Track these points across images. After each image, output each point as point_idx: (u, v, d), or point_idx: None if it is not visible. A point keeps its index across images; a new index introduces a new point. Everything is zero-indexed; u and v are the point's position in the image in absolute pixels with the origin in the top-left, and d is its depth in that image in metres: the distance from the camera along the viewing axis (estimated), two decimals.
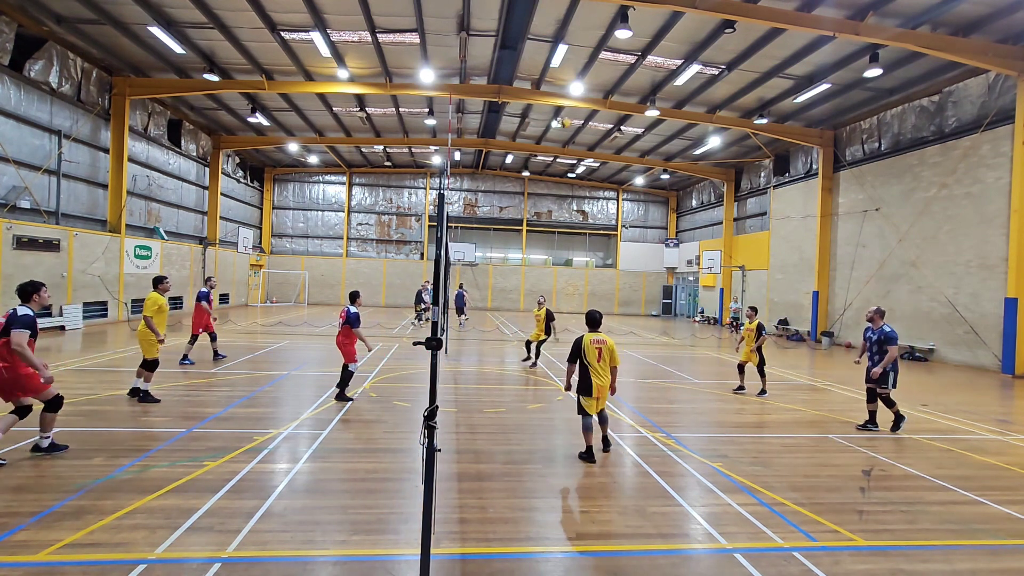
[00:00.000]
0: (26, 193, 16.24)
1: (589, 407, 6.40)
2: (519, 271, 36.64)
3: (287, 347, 14.96)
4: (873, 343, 8.22)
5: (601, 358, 6.37)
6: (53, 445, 5.88)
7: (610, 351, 6.44)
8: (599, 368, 6.36)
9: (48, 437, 5.85)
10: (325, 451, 6.29)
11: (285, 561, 3.85)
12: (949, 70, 16.42)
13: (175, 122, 24.60)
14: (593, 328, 6.63)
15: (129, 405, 7.95)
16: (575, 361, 6.48)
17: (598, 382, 6.34)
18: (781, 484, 5.72)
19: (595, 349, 6.39)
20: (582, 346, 6.39)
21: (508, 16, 15.25)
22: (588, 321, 6.70)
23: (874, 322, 8.25)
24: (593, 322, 6.65)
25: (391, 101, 23.08)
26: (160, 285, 8.74)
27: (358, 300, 9.25)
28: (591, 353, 6.36)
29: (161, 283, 8.78)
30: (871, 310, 8.33)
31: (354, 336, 8.87)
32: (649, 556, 4.13)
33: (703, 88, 19.37)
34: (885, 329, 8.09)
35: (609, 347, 6.44)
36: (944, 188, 17.14)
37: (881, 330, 8.12)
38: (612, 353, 6.45)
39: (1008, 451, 7.36)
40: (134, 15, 15.55)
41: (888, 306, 19.11)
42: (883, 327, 8.14)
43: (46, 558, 3.75)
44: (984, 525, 4.90)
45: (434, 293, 3.91)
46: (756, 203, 28.85)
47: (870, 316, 8.31)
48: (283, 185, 35.82)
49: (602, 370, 6.37)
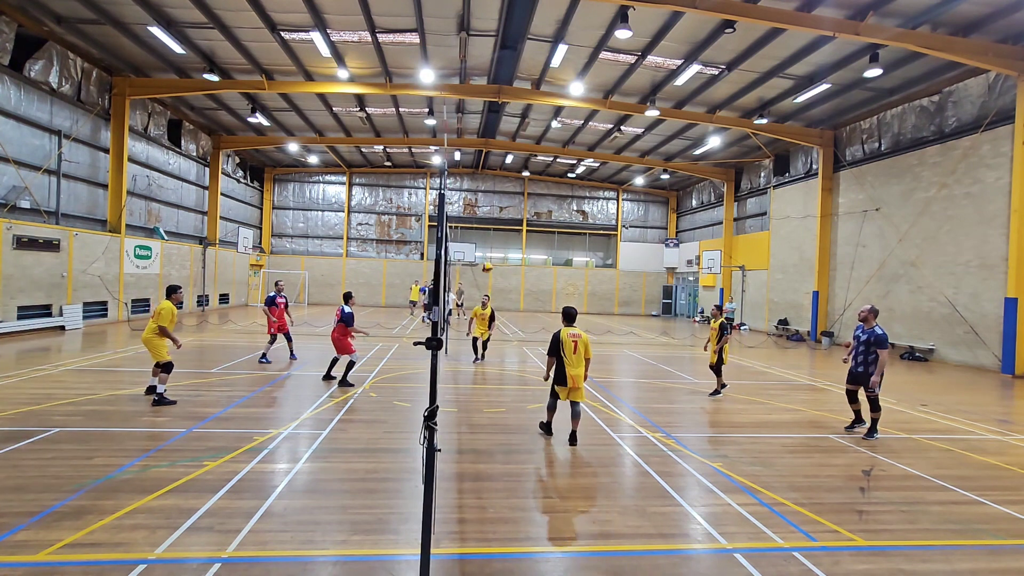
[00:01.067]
0: (26, 193, 16.24)
1: (561, 394, 6.98)
2: (519, 271, 36.64)
3: (287, 347, 14.92)
4: (861, 343, 7.75)
5: (576, 350, 6.88)
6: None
7: (584, 344, 6.95)
8: (574, 359, 6.87)
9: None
10: (325, 451, 6.29)
11: (285, 561, 3.85)
12: (949, 70, 16.42)
13: (175, 122, 24.60)
14: (569, 323, 7.16)
15: (129, 405, 7.95)
16: (554, 354, 6.96)
17: (572, 372, 6.84)
18: (781, 484, 5.72)
19: (571, 342, 6.90)
20: (560, 340, 6.88)
21: (508, 16, 15.25)
22: (564, 316, 7.22)
23: (867, 321, 7.80)
24: (569, 317, 7.19)
25: (391, 101, 23.09)
26: (175, 295, 8.71)
27: (352, 300, 10.56)
28: (567, 346, 6.87)
29: (176, 292, 8.76)
30: (865, 308, 7.90)
31: (349, 332, 10.04)
32: (649, 556, 4.13)
33: (703, 88, 19.37)
34: (877, 331, 7.65)
35: (584, 341, 6.97)
36: (944, 188, 17.14)
37: (872, 331, 7.68)
38: (586, 346, 6.96)
39: (1008, 451, 7.36)
40: (134, 15, 15.55)
41: (888, 306, 19.11)
42: (875, 328, 7.70)
43: (46, 558, 3.75)
44: (984, 525, 4.90)
45: (434, 293, 3.91)
46: (756, 203, 28.86)
47: (863, 315, 7.85)
48: (283, 185, 35.82)
49: (576, 361, 6.88)
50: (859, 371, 7.77)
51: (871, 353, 7.62)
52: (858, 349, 7.81)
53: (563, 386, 6.92)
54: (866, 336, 7.71)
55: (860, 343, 7.78)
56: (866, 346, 7.68)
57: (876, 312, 7.88)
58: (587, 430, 7.64)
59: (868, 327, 7.78)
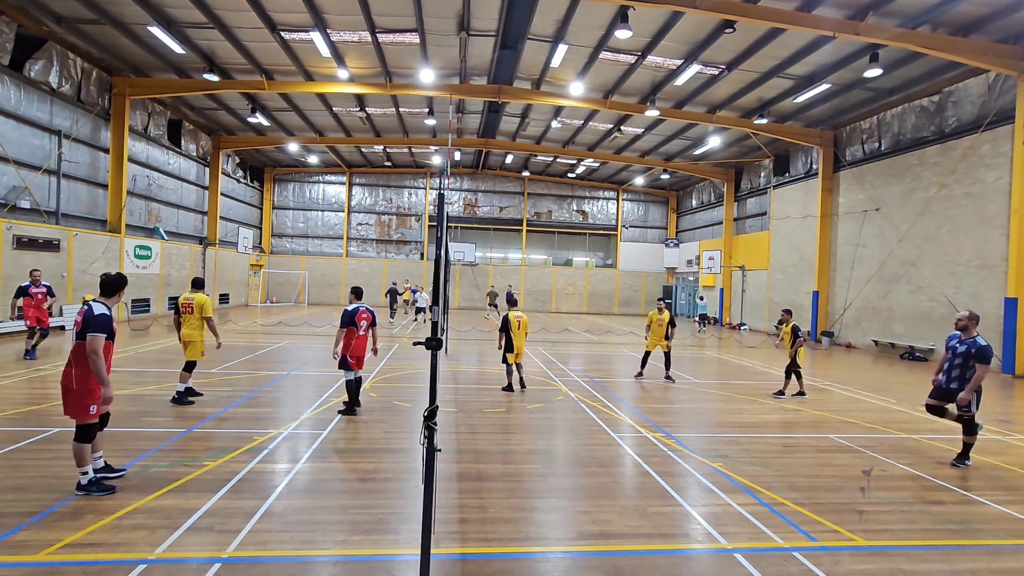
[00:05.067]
0: (26, 193, 16.24)
1: (511, 359, 9.84)
2: (519, 271, 36.65)
3: (287, 347, 14.95)
4: (958, 355, 6.39)
5: (520, 328, 9.86)
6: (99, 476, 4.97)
7: (525, 324, 9.96)
8: (518, 334, 9.82)
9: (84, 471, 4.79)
10: (325, 451, 6.28)
11: (285, 561, 3.85)
12: (949, 70, 16.41)
13: (175, 122, 24.60)
14: (513, 307, 10.41)
15: (129, 405, 7.95)
16: (504, 330, 9.80)
17: (517, 344, 9.79)
18: (781, 484, 5.71)
19: (516, 321, 9.85)
20: (508, 320, 9.81)
21: (508, 16, 15.25)
22: (509, 302, 10.87)
23: (967, 330, 6.42)
24: (513, 303, 10.84)
25: (391, 101, 23.08)
26: (203, 287, 8.76)
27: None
28: (513, 324, 9.81)
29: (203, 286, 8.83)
30: (963, 314, 6.48)
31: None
32: (649, 556, 4.13)
33: (703, 88, 19.37)
34: (979, 342, 6.29)
35: (524, 321, 9.97)
36: (944, 188, 17.14)
37: (974, 341, 6.32)
38: (525, 325, 9.95)
39: (1008, 451, 7.36)
40: (134, 15, 15.55)
41: (888, 306, 19.12)
42: (976, 338, 6.35)
43: (46, 558, 3.75)
44: (984, 525, 4.90)
45: (434, 293, 3.91)
46: (756, 203, 28.86)
47: (963, 322, 6.45)
48: (283, 185, 35.82)
49: (519, 336, 9.82)
50: (951, 388, 6.44)
51: (969, 367, 6.32)
52: (953, 362, 6.47)
53: (511, 352, 9.78)
54: (965, 347, 6.36)
55: (956, 355, 6.43)
56: (964, 359, 6.35)
57: (977, 319, 6.49)
58: (587, 430, 7.65)
59: (967, 336, 6.44)
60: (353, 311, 8.05)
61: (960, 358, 6.40)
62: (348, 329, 7.95)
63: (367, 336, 8.20)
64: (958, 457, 6.62)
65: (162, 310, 22.93)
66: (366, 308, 8.26)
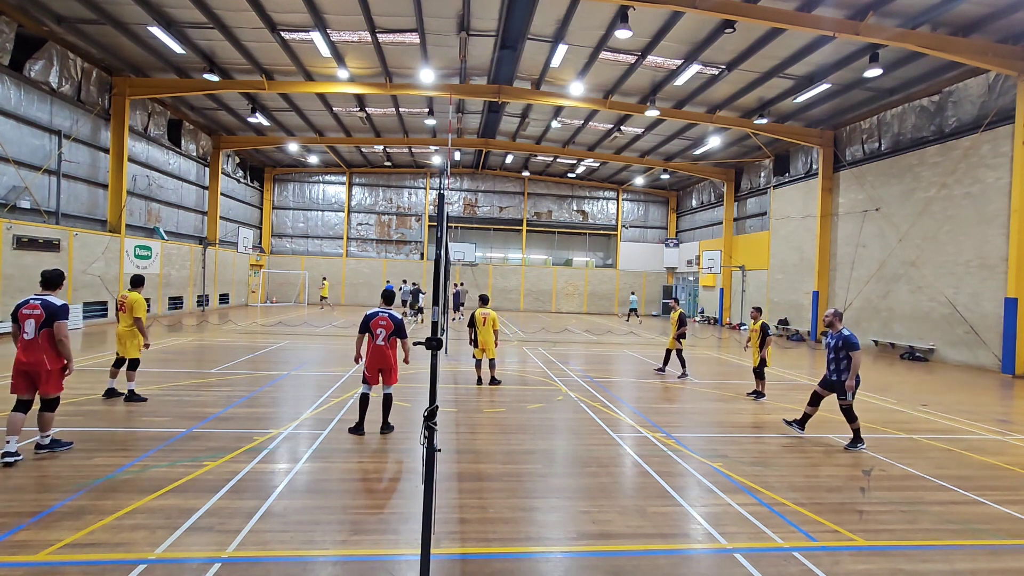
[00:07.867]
0: (26, 193, 16.24)
1: (476, 354, 10.52)
2: (519, 271, 36.64)
3: (287, 347, 14.95)
4: (832, 348, 7.28)
5: (485, 324, 10.30)
6: (55, 442, 5.89)
7: (492, 320, 10.34)
8: (483, 330, 10.30)
9: (49, 435, 5.84)
10: (325, 451, 6.28)
11: (285, 561, 3.85)
12: (949, 70, 16.42)
13: (175, 122, 24.60)
14: (484, 305, 10.71)
15: (129, 405, 7.95)
16: (472, 326, 10.42)
17: (482, 339, 10.31)
18: (781, 484, 5.72)
19: (482, 317, 10.35)
20: (474, 317, 10.40)
21: (508, 16, 15.25)
22: (481, 301, 10.78)
23: (833, 326, 7.39)
24: (484, 301, 10.80)
25: (391, 101, 23.08)
26: (141, 286, 8.50)
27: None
28: (479, 320, 10.33)
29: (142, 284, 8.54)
30: (828, 312, 7.48)
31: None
32: (649, 556, 4.13)
33: (703, 88, 19.37)
34: (844, 332, 7.21)
35: (491, 317, 10.37)
36: (944, 188, 17.14)
37: (840, 334, 7.23)
38: (491, 321, 10.32)
39: (1008, 451, 7.36)
40: (134, 15, 15.55)
41: (888, 306, 19.13)
42: (842, 330, 7.26)
43: (46, 558, 3.75)
44: (984, 525, 4.90)
45: (434, 293, 3.91)
46: (756, 203, 28.86)
47: (828, 320, 7.44)
48: (283, 185, 35.82)
49: (485, 332, 10.29)
50: (834, 379, 7.28)
51: (843, 358, 7.16)
52: (830, 356, 7.34)
53: (476, 348, 10.44)
54: (834, 340, 7.29)
55: (831, 349, 7.33)
56: (835, 351, 7.23)
57: (840, 315, 7.48)
58: (587, 430, 7.65)
59: (835, 331, 7.36)
60: (371, 316, 6.92)
61: (833, 351, 7.31)
62: (365, 336, 6.95)
63: (386, 348, 6.88)
64: (851, 442, 7.24)
65: (162, 310, 22.93)
66: (388, 314, 6.92)
